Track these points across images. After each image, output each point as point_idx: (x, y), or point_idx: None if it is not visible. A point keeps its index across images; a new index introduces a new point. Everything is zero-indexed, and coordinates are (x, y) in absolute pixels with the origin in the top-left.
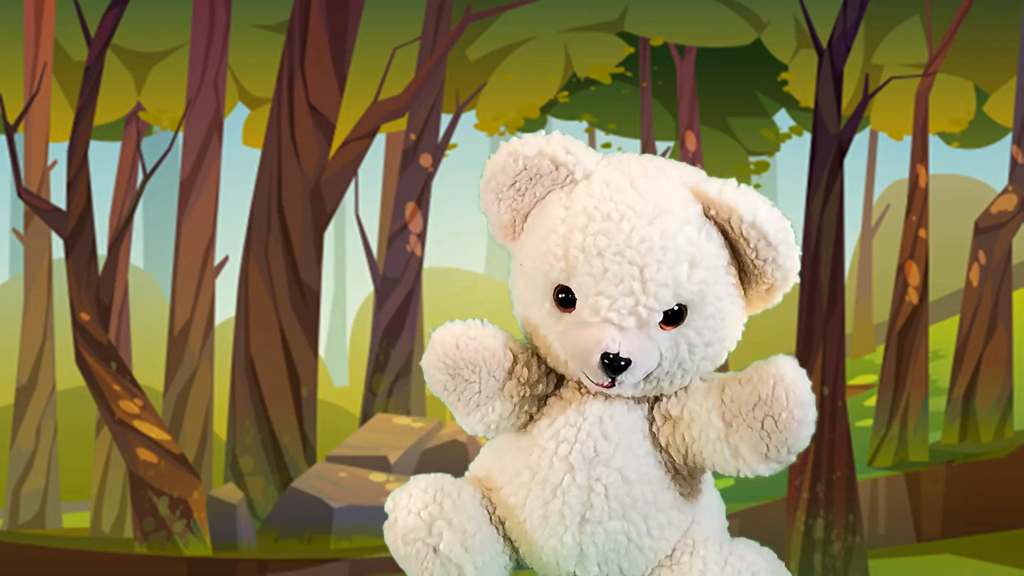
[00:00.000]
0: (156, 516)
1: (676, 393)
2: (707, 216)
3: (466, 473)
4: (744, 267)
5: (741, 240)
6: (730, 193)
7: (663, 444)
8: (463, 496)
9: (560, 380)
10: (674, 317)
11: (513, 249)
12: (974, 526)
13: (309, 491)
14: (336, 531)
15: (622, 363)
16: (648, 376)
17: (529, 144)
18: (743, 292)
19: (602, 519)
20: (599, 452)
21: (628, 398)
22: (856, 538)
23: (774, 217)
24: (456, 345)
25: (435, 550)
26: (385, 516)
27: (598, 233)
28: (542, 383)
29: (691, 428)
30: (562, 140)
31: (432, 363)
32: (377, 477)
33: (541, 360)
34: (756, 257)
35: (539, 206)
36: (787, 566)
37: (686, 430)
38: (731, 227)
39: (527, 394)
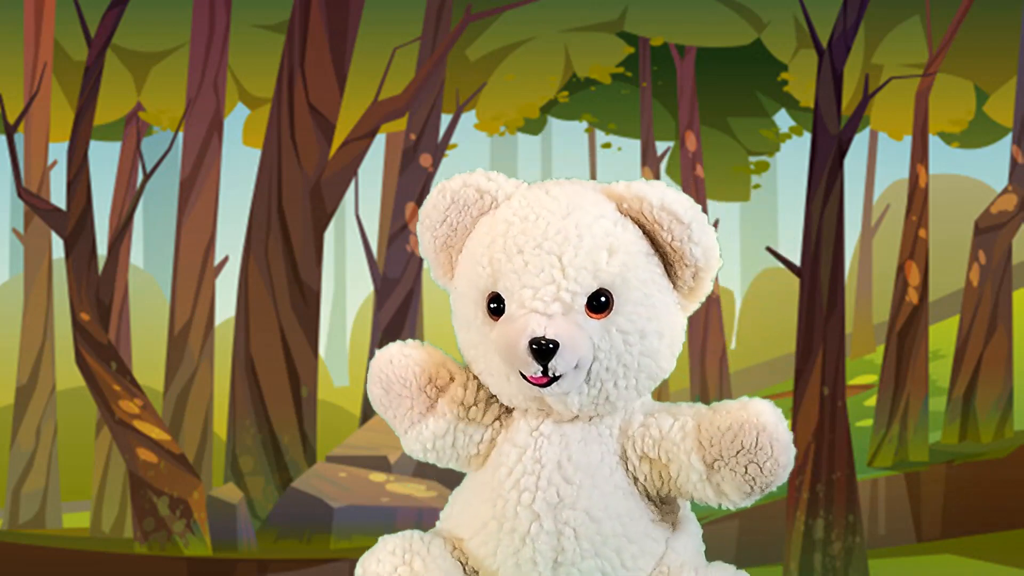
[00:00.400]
0: (156, 516)
1: (649, 431)
2: (621, 211)
3: (437, 523)
4: (667, 256)
5: (656, 227)
6: (637, 185)
7: (639, 479)
8: (433, 552)
9: (507, 418)
10: (601, 306)
11: (451, 291)
12: (974, 526)
13: (309, 491)
14: (336, 531)
15: (550, 345)
16: (589, 376)
17: (454, 179)
18: (672, 285)
19: (575, 560)
20: (563, 496)
21: (584, 432)
22: (856, 538)
23: (683, 199)
24: (390, 361)
25: None
26: (386, 515)
27: (517, 234)
28: (480, 410)
29: (669, 467)
30: (483, 172)
31: (370, 380)
32: (377, 477)
33: (482, 387)
34: (672, 239)
35: (469, 238)
36: (787, 566)
37: (663, 468)
38: (644, 216)
39: (463, 415)
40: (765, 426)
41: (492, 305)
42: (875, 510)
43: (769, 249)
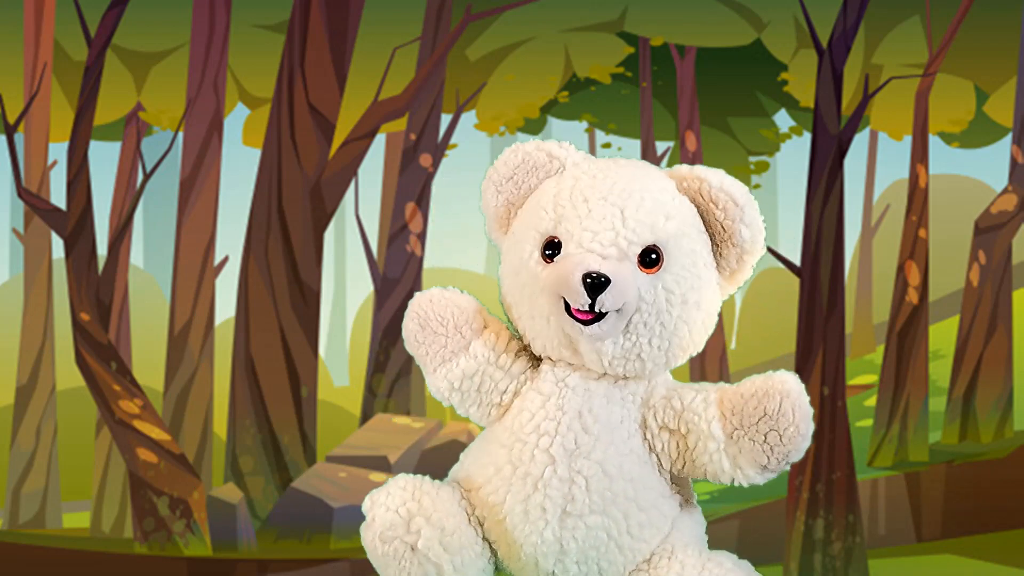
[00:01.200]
0: (156, 516)
1: (671, 402)
2: (680, 189)
3: (446, 478)
4: (715, 236)
5: (711, 204)
6: (700, 168)
7: (655, 448)
8: (442, 495)
9: (533, 372)
10: (652, 262)
11: (504, 242)
12: (974, 526)
13: (309, 491)
14: (336, 531)
15: (602, 279)
16: (628, 326)
17: (528, 142)
18: (716, 264)
19: (583, 513)
20: (580, 445)
21: (607, 391)
22: (856, 538)
23: (740, 184)
24: (430, 299)
25: (413, 548)
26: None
27: (585, 187)
28: (510, 358)
29: (687, 438)
30: (556, 141)
31: (407, 316)
32: (377, 477)
33: (514, 338)
34: (725, 218)
35: (532, 195)
36: (787, 566)
37: (681, 439)
38: (701, 196)
39: (493, 360)
40: (789, 392)
41: (548, 251)
42: (875, 510)
43: (769, 249)
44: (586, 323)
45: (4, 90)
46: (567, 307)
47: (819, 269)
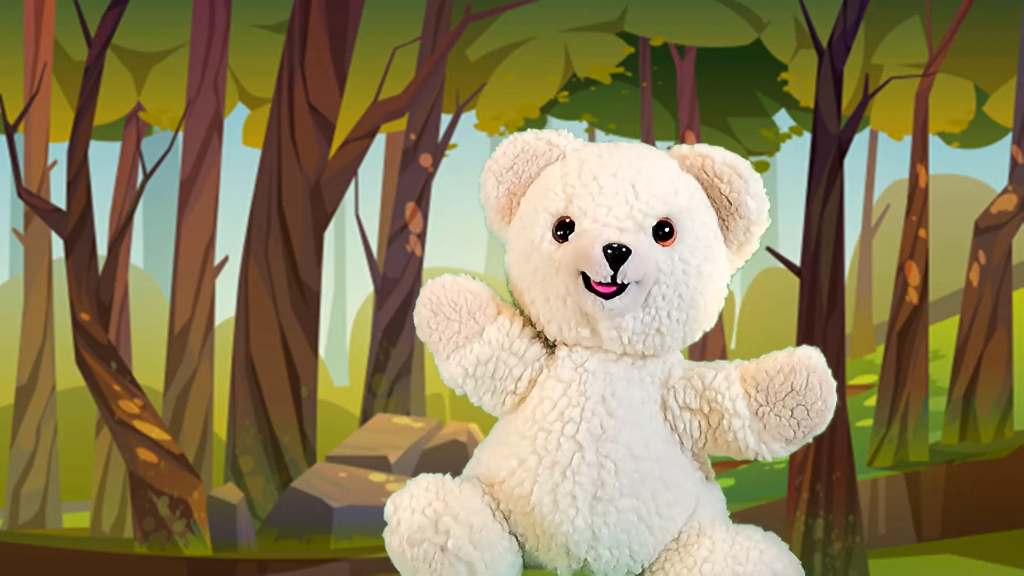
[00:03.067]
0: (156, 516)
1: (691, 382)
2: (683, 167)
3: (461, 476)
4: (721, 210)
5: (716, 179)
6: (701, 145)
7: (678, 428)
8: (465, 491)
9: (549, 359)
10: (666, 235)
11: (507, 234)
12: (974, 526)
13: (309, 491)
14: (336, 531)
15: (623, 250)
16: (647, 299)
17: (527, 132)
18: (724, 238)
19: (613, 497)
20: (606, 429)
21: (627, 372)
22: (856, 538)
23: (741, 158)
24: (442, 285)
25: (443, 549)
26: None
27: (593, 166)
28: (524, 344)
29: (710, 417)
30: (554, 130)
31: (419, 302)
32: (377, 477)
33: (528, 324)
34: (731, 191)
35: (534, 183)
36: None
37: (704, 419)
38: (705, 171)
39: (507, 346)
40: (816, 367)
41: (560, 232)
42: (875, 510)
43: (769, 249)
44: (607, 296)
45: (4, 90)
46: (586, 283)
47: (819, 269)
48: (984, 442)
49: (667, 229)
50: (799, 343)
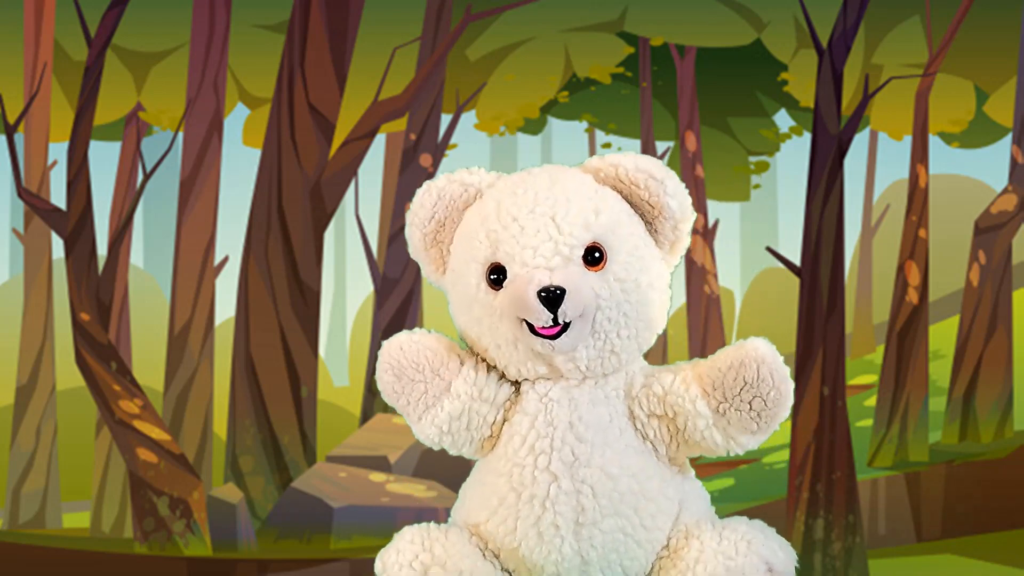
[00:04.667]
0: (156, 516)
1: (652, 388)
2: (598, 180)
3: (449, 521)
4: (645, 215)
5: (632, 187)
6: (610, 155)
7: (648, 437)
8: (451, 538)
9: (516, 396)
10: (596, 260)
11: (446, 282)
12: (974, 526)
13: (309, 491)
14: (336, 531)
15: (557, 291)
16: (594, 326)
17: (438, 178)
18: (655, 241)
19: (596, 520)
20: (577, 455)
21: (591, 394)
22: (856, 538)
23: (654, 160)
24: (400, 347)
25: None
26: (386, 515)
27: (509, 206)
28: (493, 389)
29: (676, 420)
30: (465, 169)
31: (380, 368)
32: (377, 477)
33: (491, 368)
34: (650, 195)
35: (458, 230)
36: None
37: (670, 423)
38: (621, 180)
39: (476, 395)
40: (764, 358)
41: (493, 276)
42: (875, 510)
43: (769, 249)
44: (553, 337)
45: (4, 90)
46: (531, 327)
47: (819, 269)
48: (984, 442)
49: (596, 254)
50: (799, 343)
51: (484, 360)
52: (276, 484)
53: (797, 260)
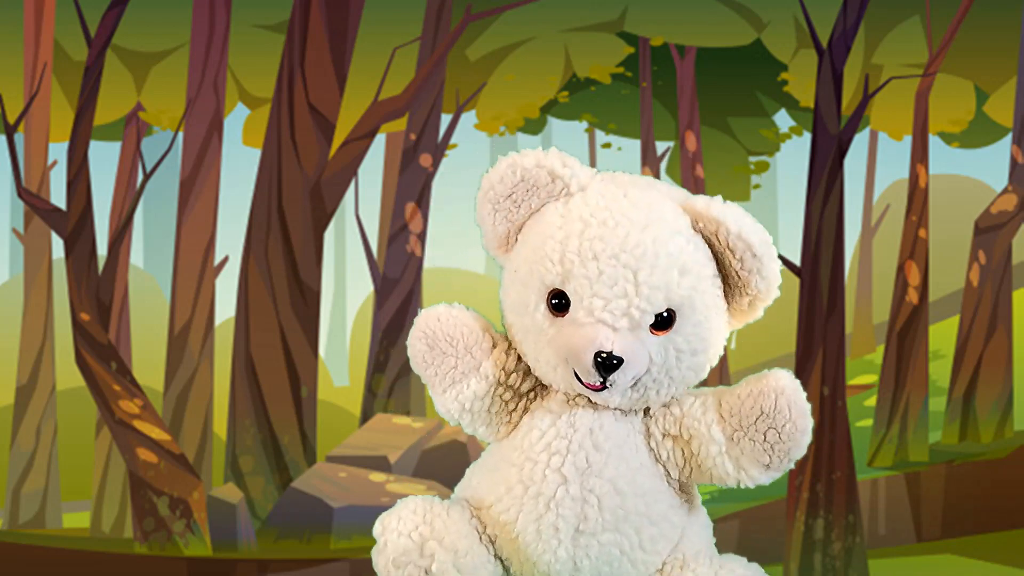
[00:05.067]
0: (156, 516)
1: (671, 409)
2: (695, 229)
3: (452, 496)
4: (728, 279)
5: (727, 252)
6: (718, 207)
7: (662, 458)
8: (452, 515)
9: (542, 390)
10: (664, 323)
11: (506, 261)
12: (974, 526)
13: (309, 491)
14: (336, 531)
15: (615, 362)
16: (636, 383)
17: (527, 156)
18: (727, 305)
19: (596, 531)
20: (591, 463)
21: (615, 409)
22: (856, 538)
23: (759, 230)
24: (437, 318)
25: (427, 572)
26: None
27: (594, 238)
28: (519, 377)
29: (691, 444)
30: (559, 154)
31: (414, 335)
32: (377, 477)
33: (521, 357)
34: (742, 268)
35: (534, 217)
36: (787, 566)
37: (685, 446)
38: (718, 239)
39: (503, 380)
40: (784, 389)
41: (555, 301)
42: (875, 510)
43: None
44: (596, 390)
45: (4, 90)
46: (575, 374)
47: (819, 269)
48: (984, 442)
49: (665, 315)
50: (799, 343)
51: (516, 350)
52: (276, 484)
53: (797, 260)
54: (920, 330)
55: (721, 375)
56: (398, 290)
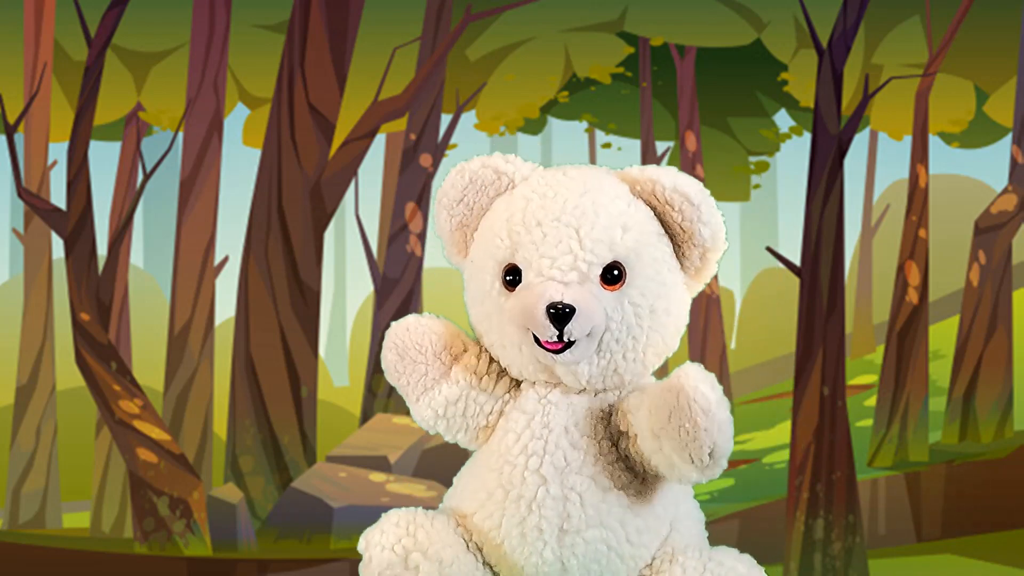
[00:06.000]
0: (156, 516)
1: (625, 402)
2: (634, 193)
3: (440, 505)
4: (676, 237)
5: (667, 207)
6: (651, 168)
7: (631, 454)
8: (437, 525)
9: (516, 392)
10: (614, 279)
11: (465, 268)
12: (974, 526)
13: (309, 491)
14: (336, 531)
15: (566, 310)
16: (600, 346)
17: (473, 160)
18: (680, 265)
19: (580, 528)
20: (569, 461)
21: (590, 403)
22: (856, 538)
23: (693, 181)
24: (407, 328)
25: None
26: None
27: (536, 209)
28: (492, 380)
29: (638, 442)
30: (501, 154)
31: (385, 347)
32: (377, 477)
33: (494, 359)
34: (683, 219)
35: (485, 217)
36: (787, 566)
37: (636, 444)
38: (656, 198)
39: (475, 384)
40: (684, 387)
41: (508, 277)
42: (875, 510)
43: (769, 249)
44: (557, 351)
45: (4, 90)
46: (535, 338)
47: (819, 269)
48: (984, 442)
49: (615, 272)
50: (799, 343)
51: (488, 351)
52: (276, 484)
53: (797, 260)
54: (920, 330)
55: (721, 375)
56: (398, 290)
